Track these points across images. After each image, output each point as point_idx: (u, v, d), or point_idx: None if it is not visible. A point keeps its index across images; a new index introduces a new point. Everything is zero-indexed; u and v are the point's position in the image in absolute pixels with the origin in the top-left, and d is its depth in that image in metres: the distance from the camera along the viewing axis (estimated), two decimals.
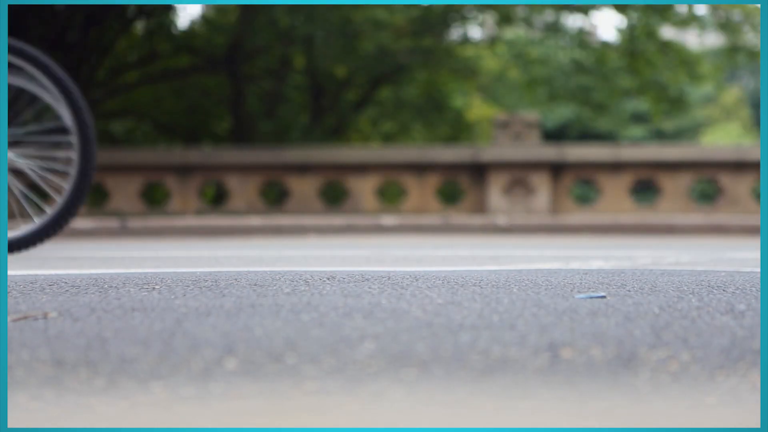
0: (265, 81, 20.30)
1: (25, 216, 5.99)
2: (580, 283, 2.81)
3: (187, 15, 32.91)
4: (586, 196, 21.78)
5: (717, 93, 40.28)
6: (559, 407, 1.57)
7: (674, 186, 13.82)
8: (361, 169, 14.11)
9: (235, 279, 2.90)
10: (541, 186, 13.78)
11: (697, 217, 12.97)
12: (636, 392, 1.67)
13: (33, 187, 5.98)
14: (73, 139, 5.70)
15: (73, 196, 5.54)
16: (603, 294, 2.59)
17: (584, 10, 19.16)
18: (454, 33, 21.15)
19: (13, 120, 5.82)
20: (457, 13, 19.58)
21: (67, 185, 5.53)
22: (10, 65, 5.49)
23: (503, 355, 1.85)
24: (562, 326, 2.07)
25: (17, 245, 5.64)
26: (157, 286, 2.74)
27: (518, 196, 13.80)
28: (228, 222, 12.40)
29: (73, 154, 5.59)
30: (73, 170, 5.52)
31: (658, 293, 2.59)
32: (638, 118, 37.45)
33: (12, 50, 5.45)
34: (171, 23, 19.58)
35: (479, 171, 13.99)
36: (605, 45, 21.23)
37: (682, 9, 19.11)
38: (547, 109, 29.57)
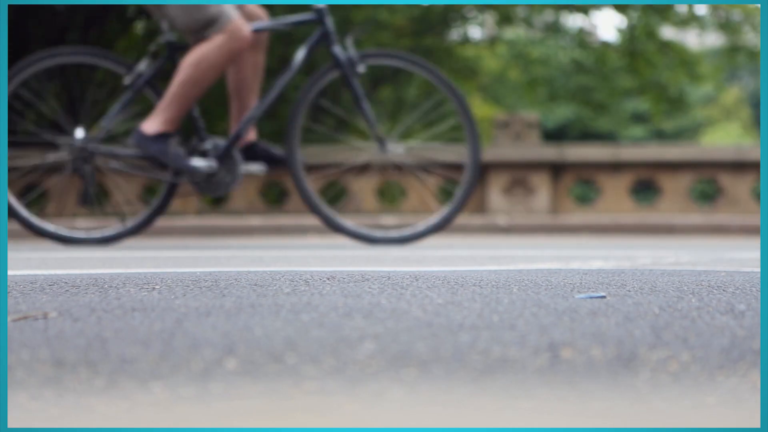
0: (265, 81, 20.28)
1: (433, 209, 7.84)
2: (580, 283, 2.81)
3: None
4: (586, 196, 21.78)
5: (717, 93, 40.27)
6: (559, 407, 1.57)
7: (674, 186, 13.81)
8: (361, 168, 14.10)
9: (235, 279, 2.90)
10: (541, 186, 13.78)
11: (697, 217, 12.96)
12: (636, 392, 1.67)
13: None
14: (465, 137, 7.40)
15: (466, 193, 6.80)
16: (603, 294, 2.59)
17: (584, 10, 19.16)
18: (454, 33, 21.15)
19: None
20: (457, 13, 19.58)
21: (461, 184, 6.72)
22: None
23: (503, 355, 1.85)
24: (562, 326, 2.07)
25: (413, 238, 6.87)
26: (157, 286, 2.74)
27: (518, 196, 13.80)
28: (228, 222, 12.40)
29: (465, 152, 6.95)
30: (466, 167, 6.83)
31: (658, 293, 2.59)
32: (638, 118, 37.46)
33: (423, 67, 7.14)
34: None
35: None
36: (605, 45, 21.23)
37: (682, 9, 19.11)
38: (547, 109, 29.58)
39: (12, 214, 6.78)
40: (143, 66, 6.71)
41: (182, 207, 14.05)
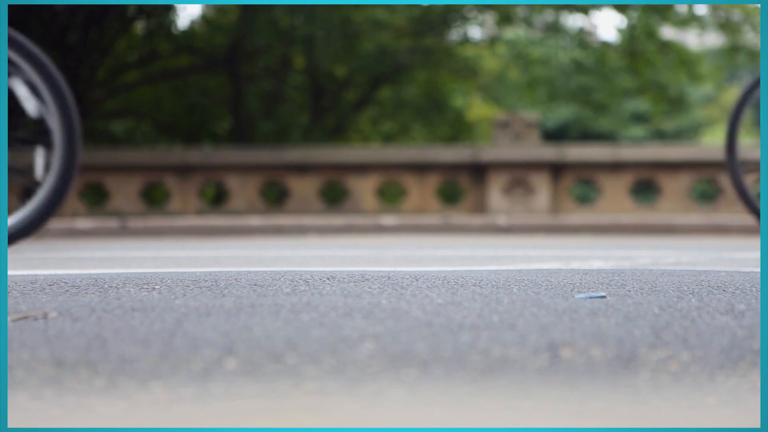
0: (265, 81, 20.30)
1: None
2: (580, 283, 2.81)
3: (187, 15, 32.83)
4: (586, 196, 21.80)
5: (717, 93, 40.26)
6: (559, 407, 1.57)
7: (674, 186, 13.81)
8: (361, 169, 14.11)
9: (235, 279, 2.90)
10: (541, 186, 13.78)
11: (697, 217, 12.96)
12: (636, 392, 1.67)
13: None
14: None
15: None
16: (603, 294, 2.59)
17: (584, 10, 19.15)
18: (454, 33, 21.14)
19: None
20: (457, 13, 19.57)
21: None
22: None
23: (503, 355, 1.85)
24: (562, 326, 2.07)
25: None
26: (157, 286, 2.74)
27: (518, 196, 13.80)
28: (228, 222, 12.41)
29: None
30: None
31: (658, 293, 2.59)
32: (638, 118, 37.45)
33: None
34: (171, 23, 19.57)
35: (479, 171, 13.99)
36: (605, 45, 21.24)
37: (682, 9, 19.10)
38: (547, 109, 29.55)
39: (749, 203, 6.94)
40: None
41: (182, 207, 14.05)
